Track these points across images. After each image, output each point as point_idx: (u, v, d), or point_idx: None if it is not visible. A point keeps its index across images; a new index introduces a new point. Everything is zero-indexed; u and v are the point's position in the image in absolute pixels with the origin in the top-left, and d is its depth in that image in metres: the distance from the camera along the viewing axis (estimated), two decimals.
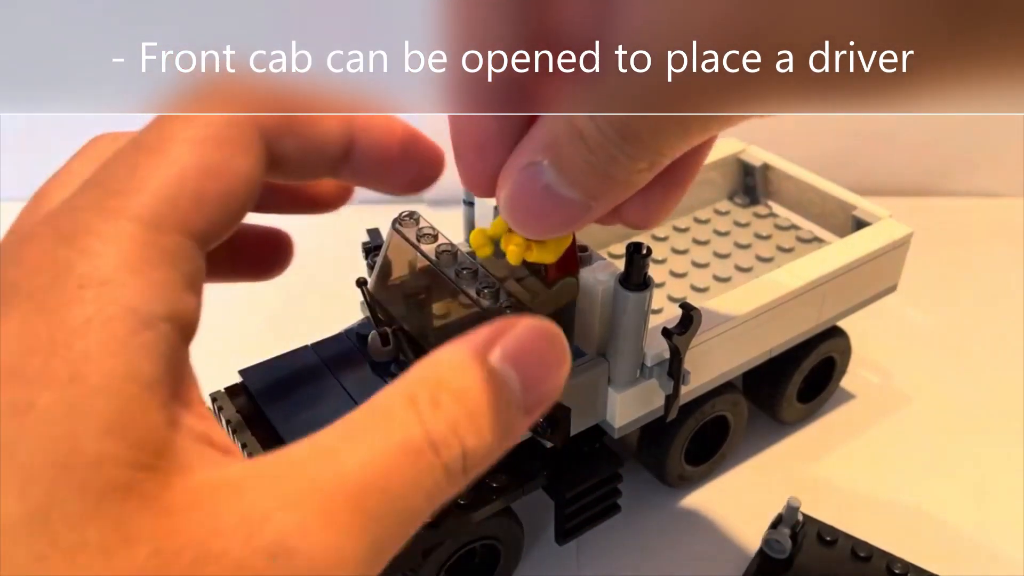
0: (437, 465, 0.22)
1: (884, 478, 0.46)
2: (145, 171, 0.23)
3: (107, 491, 0.18)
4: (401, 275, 0.37)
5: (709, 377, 0.40)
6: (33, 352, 0.19)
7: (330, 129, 0.28)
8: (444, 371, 0.24)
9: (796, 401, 0.47)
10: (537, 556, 0.41)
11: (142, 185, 0.22)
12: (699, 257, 0.48)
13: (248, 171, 0.25)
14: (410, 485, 0.22)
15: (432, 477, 0.22)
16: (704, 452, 0.44)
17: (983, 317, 0.57)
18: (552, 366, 0.25)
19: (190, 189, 0.23)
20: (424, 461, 0.22)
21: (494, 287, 0.33)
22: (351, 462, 0.21)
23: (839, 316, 0.44)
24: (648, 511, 0.43)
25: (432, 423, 0.23)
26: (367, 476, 0.21)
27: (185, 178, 0.23)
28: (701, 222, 0.51)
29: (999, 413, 0.50)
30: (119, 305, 0.20)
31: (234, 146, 0.24)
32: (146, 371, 0.20)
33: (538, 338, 0.25)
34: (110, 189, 0.22)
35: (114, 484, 0.18)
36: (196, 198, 0.23)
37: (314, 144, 0.28)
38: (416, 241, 0.35)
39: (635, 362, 0.35)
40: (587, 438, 0.37)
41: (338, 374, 0.34)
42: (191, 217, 0.23)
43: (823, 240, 0.49)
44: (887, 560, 0.39)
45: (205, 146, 0.24)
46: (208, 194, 0.23)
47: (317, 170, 0.29)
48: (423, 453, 0.22)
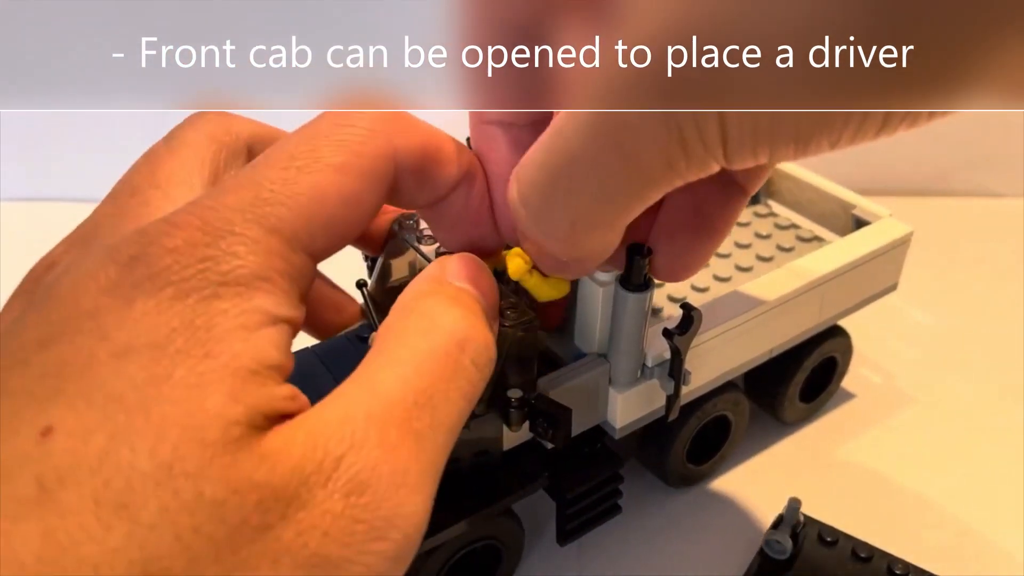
0: (464, 362, 0.25)
1: (885, 478, 0.46)
2: (293, 188, 0.24)
3: (221, 445, 0.20)
4: (401, 277, 0.37)
5: (710, 377, 0.40)
6: (175, 332, 0.21)
7: (451, 174, 0.29)
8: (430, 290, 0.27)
9: (797, 401, 0.47)
10: (538, 556, 0.41)
11: (289, 201, 0.24)
12: None
13: (376, 203, 0.27)
14: (449, 390, 0.24)
15: (465, 375, 0.25)
16: (705, 452, 0.44)
17: (984, 316, 0.57)
18: (489, 282, 0.28)
19: (327, 215, 0.25)
20: (454, 360, 0.24)
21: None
22: (394, 383, 0.23)
23: (840, 315, 0.44)
24: (648, 511, 0.43)
25: (451, 325, 0.25)
26: (410, 393, 0.23)
27: (325, 204, 0.25)
28: None
29: (1000, 413, 0.50)
30: (252, 304, 0.22)
31: (372, 180, 0.26)
32: (269, 357, 0.22)
33: (470, 260, 0.28)
34: (260, 198, 0.24)
35: (228, 438, 0.20)
36: (328, 223, 0.25)
37: (432, 186, 0.29)
38: (416, 243, 0.35)
39: (636, 362, 0.35)
40: (588, 439, 0.37)
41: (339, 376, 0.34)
42: (319, 239, 0.25)
43: (823, 239, 0.48)
44: (888, 561, 0.39)
45: (348, 175, 0.25)
46: (338, 220, 0.25)
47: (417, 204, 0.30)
48: (451, 353, 0.25)
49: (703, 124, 0.21)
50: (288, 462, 0.21)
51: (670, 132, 0.21)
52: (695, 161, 0.22)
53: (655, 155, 0.22)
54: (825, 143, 0.21)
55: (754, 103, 0.20)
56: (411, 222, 0.36)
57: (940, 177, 0.70)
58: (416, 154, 0.27)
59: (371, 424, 0.22)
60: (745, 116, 0.21)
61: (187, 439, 0.20)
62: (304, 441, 0.21)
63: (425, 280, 0.27)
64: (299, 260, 0.24)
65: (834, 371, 0.48)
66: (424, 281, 0.27)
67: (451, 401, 0.24)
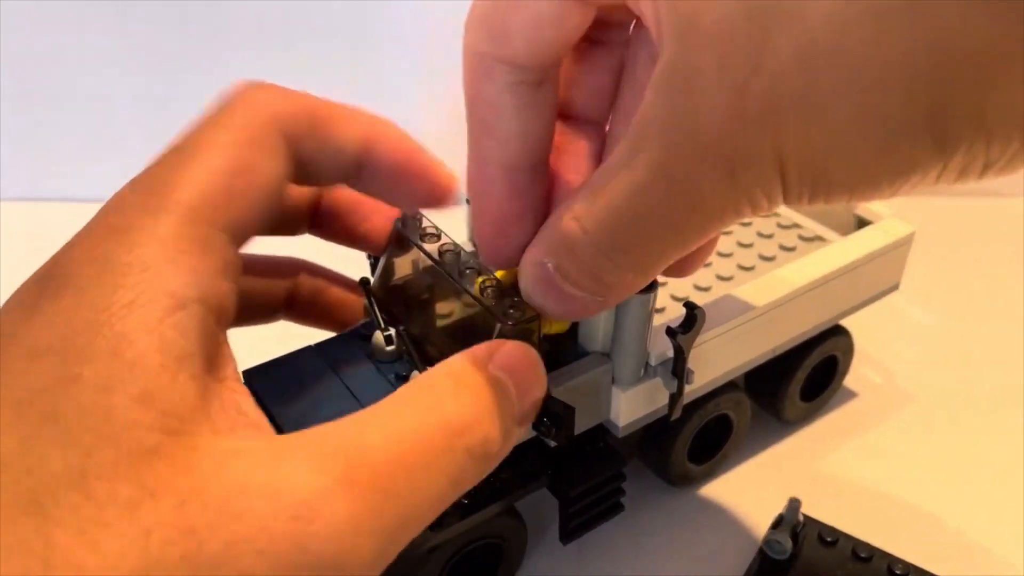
0: (459, 447, 0.24)
1: (886, 478, 0.46)
2: (181, 172, 0.25)
3: (136, 453, 0.20)
4: (404, 275, 0.37)
5: (712, 376, 0.40)
6: (80, 332, 0.21)
7: (348, 135, 0.30)
8: (457, 368, 0.26)
9: (799, 400, 0.47)
10: (540, 555, 0.41)
11: (179, 184, 0.25)
12: None
13: (274, 170, 0.27)
14: (435, 465, 0.23)
15: (456, 461, 0.24)
16: (707, 451, 0.44)
17: (985, 316, 0.57)
18: (536, 381, 0.28)
19: (221, 186, 0.25)
20: (448, 443, 0.24)
21: (497, 287, 0.33)
22: (378, 437, 0.23)
23: (841, 315, 0.44)
24: (649, 511, 0.43)
25: (455, 407, 0.24)
26: (393, 452, 0.22)
27: (216, 177, 0.25)
28: None
29: (1002, 412, 0.50)
30: (156, 289, 0.22)
31: (261, 148, 0.27)
32: (178, 345, 0.22)
33: (525, 355, 0.28)
34: (151, 189, 0.25)
35: (143, 447, 0.20)
36: (227, 194, 0.25)
37: (332, 148, 0.30)
38: (419, 241, 0.35)
39: (639, 361, 0.35)
40: (590, 437, 0.37)
41: (342, 374, 0.34)
42: (222, 211, 0.25)
43: (825, 239, 0.48)
44: (888, 561, 0.39)
45: (234, 148, 0.26)
46: (237, 191, 0.26)
47: (336, 175, 0.31)
48: (448, 435, 0.24)
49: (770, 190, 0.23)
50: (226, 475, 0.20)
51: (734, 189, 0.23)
52: (760, 211, 0.24)
53: (724, 207, 0.24)
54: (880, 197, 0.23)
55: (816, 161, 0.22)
56: (414, 220, 0.36)
57: None
58: (301, 117, 0.28)
59: (339, 461, 0.21)
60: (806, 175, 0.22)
61: (100, 445, 0.20)
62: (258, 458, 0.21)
63: (467, 357, 0.27)
64: (205, 234, 0.24)
65: (835, 370, 0.48)
66: (466, 358, 0.27)
67: (432, 481, 0.23)
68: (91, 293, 0.22)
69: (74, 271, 0.23)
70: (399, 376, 0.34)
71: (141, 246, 0.23)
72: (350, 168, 0.31)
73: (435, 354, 0.34)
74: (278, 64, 0.65)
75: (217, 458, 0.21)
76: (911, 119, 0.20)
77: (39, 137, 0.67)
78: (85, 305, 0.22)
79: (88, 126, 0.67)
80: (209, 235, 0.24)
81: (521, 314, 0.32)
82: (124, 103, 0.66)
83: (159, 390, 0.21)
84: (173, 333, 0.22)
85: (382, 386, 0.34)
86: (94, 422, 0.20)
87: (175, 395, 0.21)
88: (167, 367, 0.21)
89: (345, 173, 0.31)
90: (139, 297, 0.22)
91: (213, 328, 0.24)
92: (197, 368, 0.22)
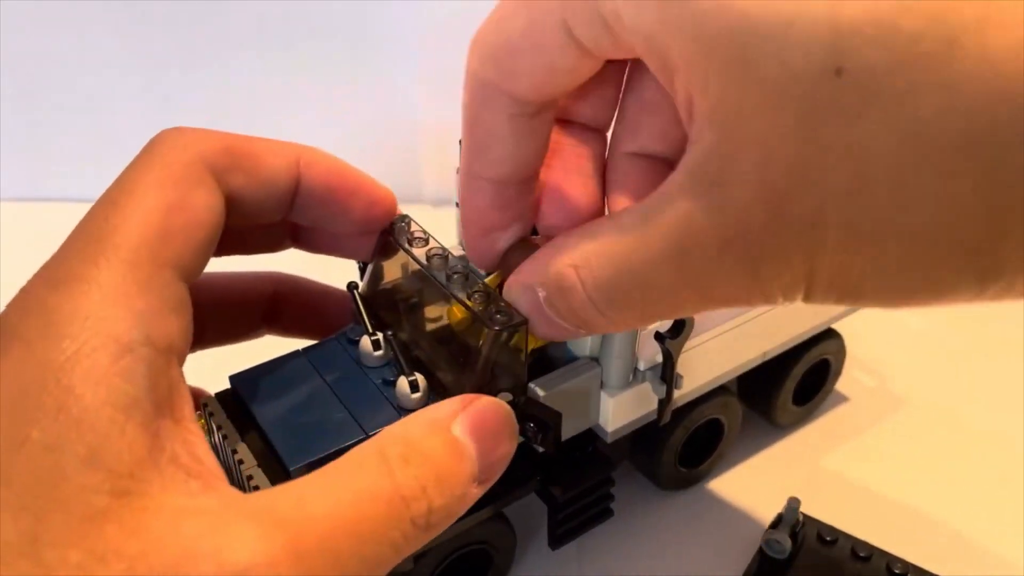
0: (405, 517, 0.24)
1: (880, 480, 0.46)
2: (115, 217, 0.25)
3: (87, 517, 0.20)
4: (392, 279, 0.37)
5: (702, 381, 0.40)
6: (26, 390, 0.21)
7: (275, 166, 0.31)
8: (413, 433, 0.26)
9: (791, 404, 0.47)
10: (536, 559, 0.41)
11: (115, 228, 0.25)
12: None
13: (205, 203, 0.28)
14: (379, 533, 0.23)
15: (400, 529, 0.24)
16: (698, 455, 0.44)
17: (978, 318, 0.57)
18: (504, 445, 0.28)
19: (157, 225, 0.26)
20: (394, 512, 0.24)
21: (484, 291, 0.33)
22: (324, 505, 0.23)
23: (833, 318, 0.44)
24: (648, 512, 0.43)
25: (402, 477, 0.24)
26: (338, 519, 0.23)
27: (152, 216, 0.26)
28: None
29: (994, 414, 0.50)
30: (102, 336, 0.22)
31: (190, 184, 0.27)
32: (127, 394, 0.22)
33: (495, 417, 0.28)
34: (88, 237, 0.25)
35: (93, 511, 0.20)
36: (164, 232, 0.26)
37: (261, 180, 0.31)
38: (407, 245, 0.35)
39: (628, 366, 0.35)
40: (579, 442, 0.37)
41: (329, 379, 0.34)
42: (162, 249, 0.25)
43: None
44: (887, 560, 0.39)
45: (165, 187, 0.27)
46: (175, 227, 0.26)
47: (270, 207, 0.32)
48: (393, 504, 0.24)
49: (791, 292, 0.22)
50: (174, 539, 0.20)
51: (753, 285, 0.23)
52: (772, 304, 0.23)
53: (736, 297, 0.23)
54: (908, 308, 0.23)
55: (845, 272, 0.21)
56: (403, 224, 0.36)
57: None
58: (225, 153, 0.29)
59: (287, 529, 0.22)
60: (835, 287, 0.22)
61: (50, 510, 0.20)
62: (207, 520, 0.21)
63: (426, 420, 0.27)
64: (147, 274, 0.25)
65: (827, 374, 0.48)
66: (424, 421, 0.27)
67: (376, 550, 0.23)
68: (37, 347, 0.22)
69: (19, 325, 0.23)
70: (387, 381, 0.34)
71: (83, 294, 0.23)
72: (283, 198, 0.31)
73: (423, 358, 0.34)
74: (278, 64, 0.65)
75: (166, 519, 0.21)
76: (957, 254, 0.20)
77: (39, 137, 0.68)
78: (32, 360, 0.22)
79: (88, 126, 0.67)
80: (152, 274, 0.25)
81: (509, 319, 0.32)
82: (124, 103, 0.66)
83: (107, 447, 0.21)
84: (120, 381, 0.22)
85: (369, 391, 0.34)
86: (44, 487, 0.20)
87: (123, 450, 0.21)
88: (115, 420, 0.21)
89: (279, 204, 0.32)
90: (83, 346, 0.22)
91: (164, 368, 0.24)
92: (147, 414, 0.22)
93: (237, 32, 0.64)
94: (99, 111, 0.66)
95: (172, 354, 0.24)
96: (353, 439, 0.32)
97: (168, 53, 0.65)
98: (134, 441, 0.21)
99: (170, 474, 0.22)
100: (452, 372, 0.33)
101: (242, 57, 0.64)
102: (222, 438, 0.32)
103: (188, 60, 0.65)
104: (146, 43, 0.64)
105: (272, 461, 0.31)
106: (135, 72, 0.65)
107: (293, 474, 0.31)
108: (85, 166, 0.68)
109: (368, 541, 0.23)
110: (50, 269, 0.24)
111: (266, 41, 0.65)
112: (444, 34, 0.61)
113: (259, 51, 0.65)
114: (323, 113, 0.67)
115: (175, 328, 0.25)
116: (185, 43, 0.64)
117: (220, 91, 0.65)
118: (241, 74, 0.65)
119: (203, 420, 0.34)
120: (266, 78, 0.65)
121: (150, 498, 0.21)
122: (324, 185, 0.31)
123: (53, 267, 0.25)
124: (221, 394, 0.34)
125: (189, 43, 0.64)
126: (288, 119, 0.67)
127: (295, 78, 0.65)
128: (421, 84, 0.65)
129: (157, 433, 0.22)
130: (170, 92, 0.65)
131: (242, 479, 0.31)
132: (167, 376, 0.24)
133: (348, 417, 0.32)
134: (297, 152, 0.31)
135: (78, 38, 0.64)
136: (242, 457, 0.31)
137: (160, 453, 0.22)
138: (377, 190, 0.33)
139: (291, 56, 0.65)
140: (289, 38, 0.65)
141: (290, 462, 0.31)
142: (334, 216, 0.33)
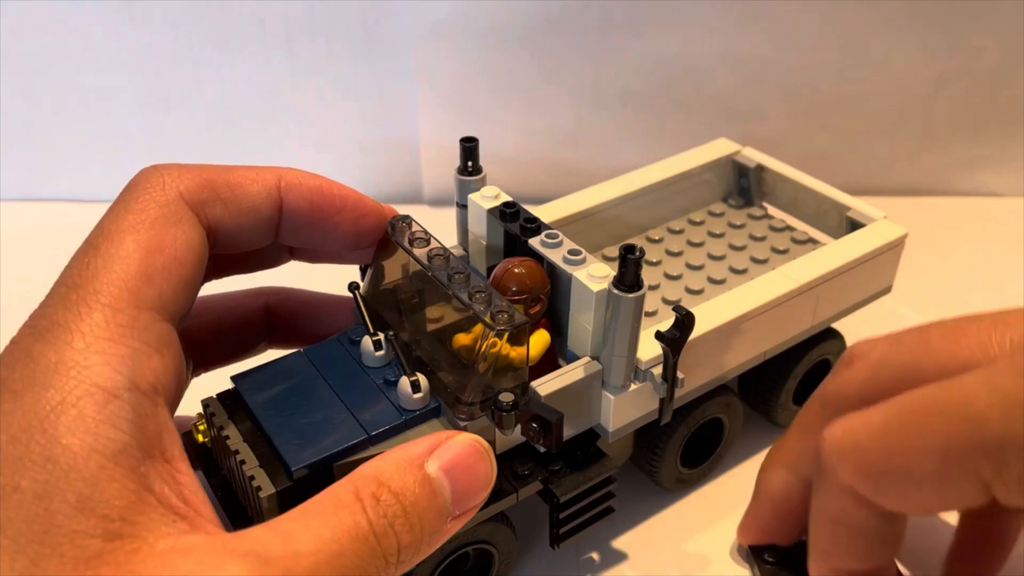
0: (378, 553, 0.25)
1: None
2: (96, 263, 0.26)
3: (81, 560, 0.21)
4: (394, 279, 0.37)
5: (703, 380, 0.40)
6: (17, 439, 0.22)
7: (256, 192, 0.31)
8: (385, 471, 0.27)
9: (791, 404, 0.47)
10: (537, 558, 0.41)
11: (96, 275, 0.25)
12: (693, 259, 0.48)
13: (185, 241, 0.28)
14: (359, 568, 0.24)
15: (374, 564, 0.25)
16: (700, 454, 0.44)
17: None
18: (480, 479, 0.29)
19: (138, 268, 0.26)
20: (368, 548, 0.25)
21: (486, 291, 0.33)
22: (308, 542, 0.24)
23: (834, 318, 0.44)
24: (648, 512, 0.43)
25: (373, 515, 0.25)
26: (322, 555, 0.24)
27: (132, 260, 0.26)
28: (695, 224, 0.51)
29: None
30: (86, 384, 0.23)
31: (170, 223, 0.28)
32: (114, 440, 0.22)
33: (471, 453, 0.29)
34: (70, 285, 0.25)
35: (87, 554, 0.21)
36: (145, 274, 0.26)
37: (244, 208, 0.31)
38: (409, 245, 0.35)
39: (629, 365, 0.35)
40: (581, 442, 0.37)
41: (330, 379, 0.34)
42: (144, 291, 0.26)
43: (818, 241, 0.48)
44: None
45: (145, 229, 0.27)
46: (156, 269, 0.26)
47: (255, 234, 0.32)
48: (368, 540, 0.25)
49: None
50: None
51: None
52: None
53: None
54: None
55: None
56: (403, 223, 0.36)
57: (940, 177, 0.70)
58: (204, 187, 0.29)
59: (276, 566, 0.22)
60: None
61: (45, 554, 0.20)
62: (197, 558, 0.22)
63: (400, 459, 0.27)
64: (130, 318, 0.25)
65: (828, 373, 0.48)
66: (398, 460, 0.27)
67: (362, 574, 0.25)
68: (25, 397, 0.22)
69: (8, 376, 0.23)
70: (388, 381, 0.34)
71: (66, 344, 0.23)
72: (267, 224, 0.32)
73: (424, 358, 0.35)
74: (278, 64, 0.65)
75: (158, 559, 0.21)
76: None
77: (39, 137, 0.68)
78: (20, 411, 0.22)
79: (88, 126, 0.67)
80: (135, 318, 0.25)
81: (510, 319, 0.32)
82: (124, 103, 0.66)
83: (97, 493, 0.21)
84: (107, 428, 0.22)
85: (371, 391, 0.34)
86: (37, 532, 0.21)
87: (113, 496, 0.22)
88: (104, 467, 0.22)
89: (264, 230, 0.32)
90: (68, 396, 0.22)
91: (150, 410, 0.24)
92: (135, 458, 0.23)
93: (237, 32, 0.64)
94: (99, 111, 0.66)
95: (158, 395, 0.25)
96: (355, 439, 0.32)
97: (168, 53, 0.64)
98: (123, 486, 0.22)
99: (159, 515, 0.22)
100: (453, 372, 0.33)
101: (242, 57, 0.64)
102: (224, 438, 0.32)
103: (188, 60, 0.64)
104: (146, 43, 0.64)
105: (274, 462, 0.31)
106: (135, 72, 0.65)
107: (295, 474, 0.31)
108: (85, 166, 0.68)
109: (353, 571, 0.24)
110: (36, 317, 0.25)
111: (266, 41, 0.65)
112: (444, 34, 0.61)
113: (259, 51, 0.65)
114: (323, 113, 0.67)
115: (159, 368, 0.25)
116: (185, 43, 0.64)
117: (220, 91, 0.65)
118: (241, 74, 0.65)
119: (203, 421, 0.34)
120: (266, 78, 0.65)
121: (142, 540, 0.22)
122: (308, 204, 0.32)
123: (39, 315, 0.25)
124: (223, 394, 0.34)
125: (189, 43, 0.64)
126: (288, 119, 0.67)
127: (295, 78, 0.65)
128: (421, 84, 0.65)
129: (146, 475, 0.23)
130: (170, 92, 0.65)
131: (244, 480, 0.31)
132: (154, 417, 0.24)
133: (350, 417, 0.33)
134: (277, 175, 0.31)
135: (78, 38, 0.64)
136: (244, 458, 0.31)
137: (149, 495, 0.23)
138: (363, 203, 0.33)
139: (291, 56, 0.65)
140: (289, 38, 0.64)
141: (292, 463, 0.31)
142: (324, 234, 0.33)
